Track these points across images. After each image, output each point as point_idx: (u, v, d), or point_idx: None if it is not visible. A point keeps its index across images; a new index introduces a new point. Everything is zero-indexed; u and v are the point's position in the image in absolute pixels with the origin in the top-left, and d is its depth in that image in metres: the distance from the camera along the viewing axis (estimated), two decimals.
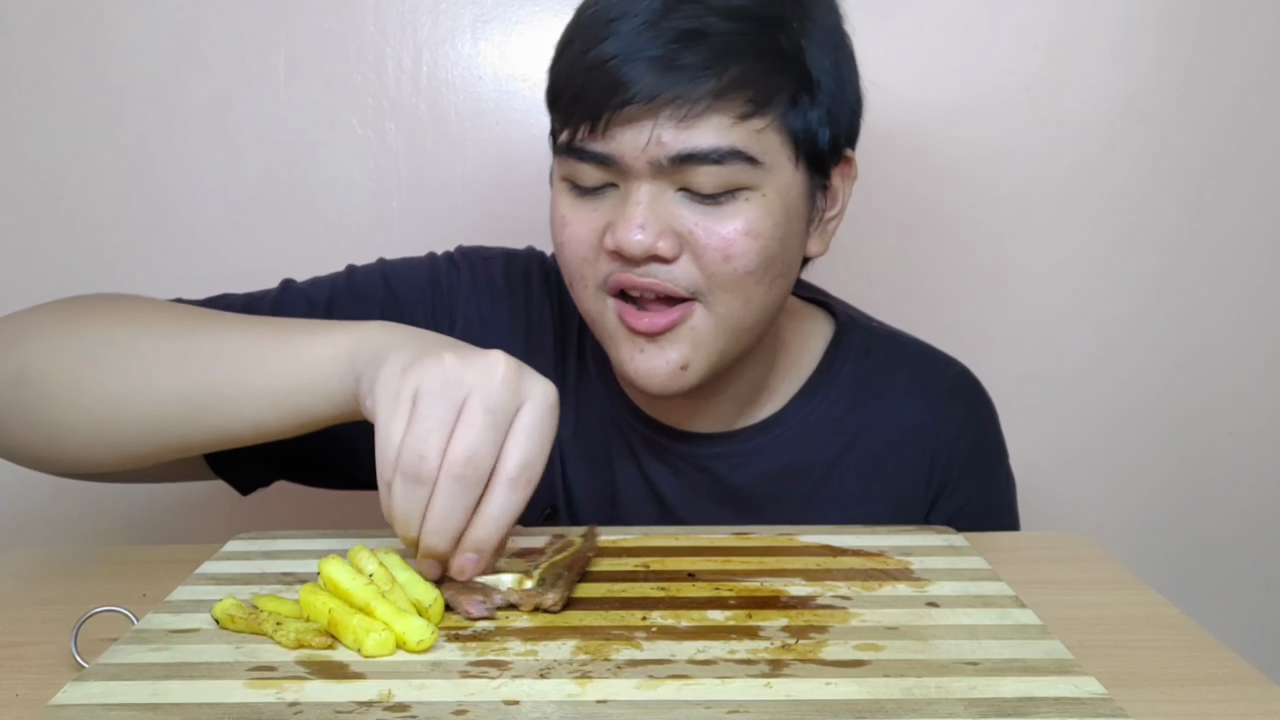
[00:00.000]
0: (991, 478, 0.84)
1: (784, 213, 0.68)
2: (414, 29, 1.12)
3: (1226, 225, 1.18)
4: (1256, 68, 1.15)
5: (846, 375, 0.81)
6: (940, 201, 1.17)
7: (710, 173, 0.65)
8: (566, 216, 0.69)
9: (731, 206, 0.66)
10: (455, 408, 0.53)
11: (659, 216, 0.66)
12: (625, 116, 0.64)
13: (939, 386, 0.83)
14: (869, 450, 0.80)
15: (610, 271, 0.68)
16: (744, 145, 0.65)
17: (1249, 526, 1.24)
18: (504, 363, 0.54)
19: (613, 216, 0.67)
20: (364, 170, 1.14)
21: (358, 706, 0.44)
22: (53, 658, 0.53)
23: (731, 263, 0.66)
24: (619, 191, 0.68)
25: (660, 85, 0.63)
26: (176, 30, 1.11)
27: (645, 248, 0.65)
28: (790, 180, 0.68)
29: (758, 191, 0.66)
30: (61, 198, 1.13)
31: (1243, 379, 1.21)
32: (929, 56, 1.14)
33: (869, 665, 0.48)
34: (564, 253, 0.70)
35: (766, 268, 0.68)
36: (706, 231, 0.66)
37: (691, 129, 0.64)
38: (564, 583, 0.55)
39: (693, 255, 0.67)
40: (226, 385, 0.61)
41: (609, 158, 0.66)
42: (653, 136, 0.64)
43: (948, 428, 0.81)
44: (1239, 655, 0.54)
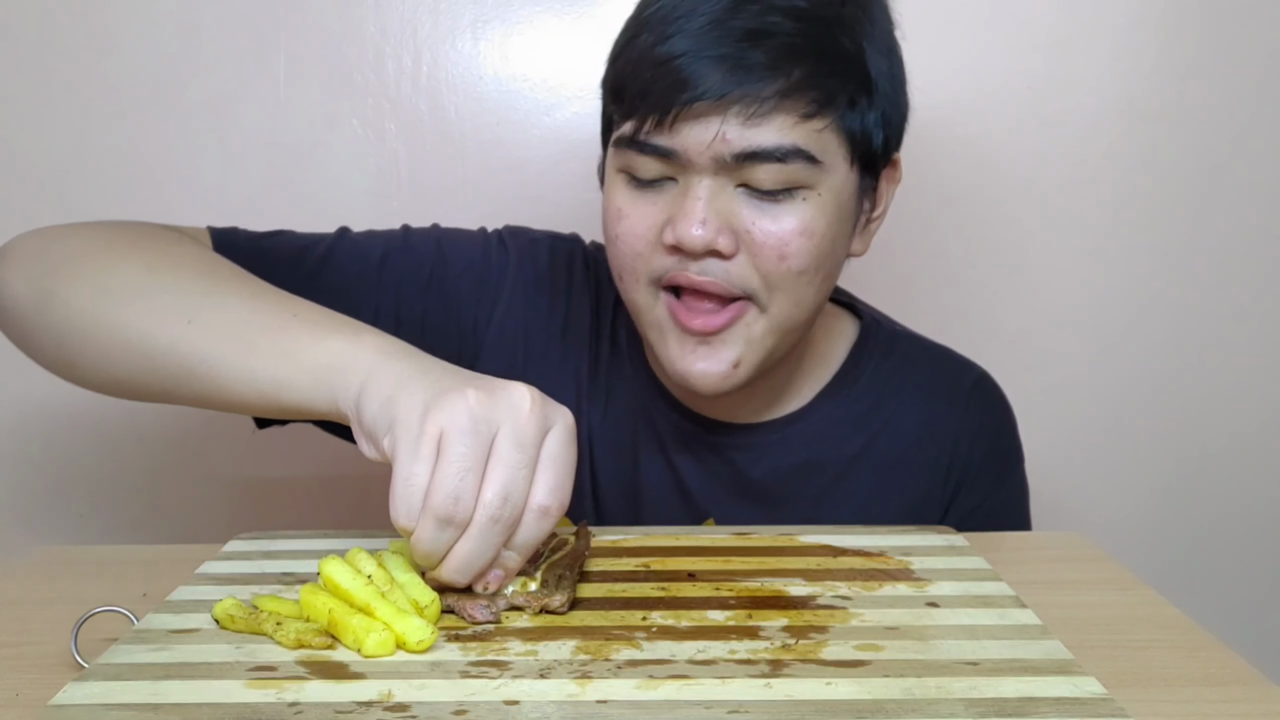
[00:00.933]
0: (1007, 480, 0.85)
1: (836, 213, 0.69)
2: (414, 29, 1.12)
3: (1228, 224, 1.18)
4: (1257, 67, 1.15)
5: (869, 375, 0.82)
6: (940, 201, 1.17)
7: (771, 170, 0.66)
8: (623, 209, 0.70)
9: (789, 205, 0.67)
10: (485, 445, 0.52)
11: (719, 212, 0.67)
12: (693, 113, 0.65)
13: (959, 389, 0.84)
14: (888, 448, 0.81)
15: (667, 268, 0.69)
16: (805, 144, 0.66)
17: (1249, 526, 1.24)
18: (529, 395, 0.53)
19: (671, 211, 0.68)
20: (364, 170, 1.14)
21: (358, 706, 0.44)
22: (53, 658, 0.53)
23: (786, 261, 0.68)
24: (677, 186, 0.68)
25: (729, 84, 0.64)
26: (176, 30, 1.11)
27: (706, 243, 0.66)
28: (844, 180, 0.69)
29: (814, 191, 0.68)
30: (61, 198, 1.13)
31: (1243, 379, 1.21)
32: (929, 56, 1.13)
33: (869, 665, 0.48)
34: (619, 245, 0.71)
35: (818, 268, 0.69)
36: (763, 230, 0.67)
37: (757, 128, 0.65)
38: (567, 583, 0.55)
39: (749, 253, 0.68)
40: (219, 360, 0.61)
41: (673, 152, 0.66)
42: (719, 133, 0.65)
43: (966, 429, 0.82)
44: (1239, 655, 0.54)
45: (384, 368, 0.57)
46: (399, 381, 0.55)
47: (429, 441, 0.52)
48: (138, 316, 0.63)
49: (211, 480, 1.17)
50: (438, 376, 0.55)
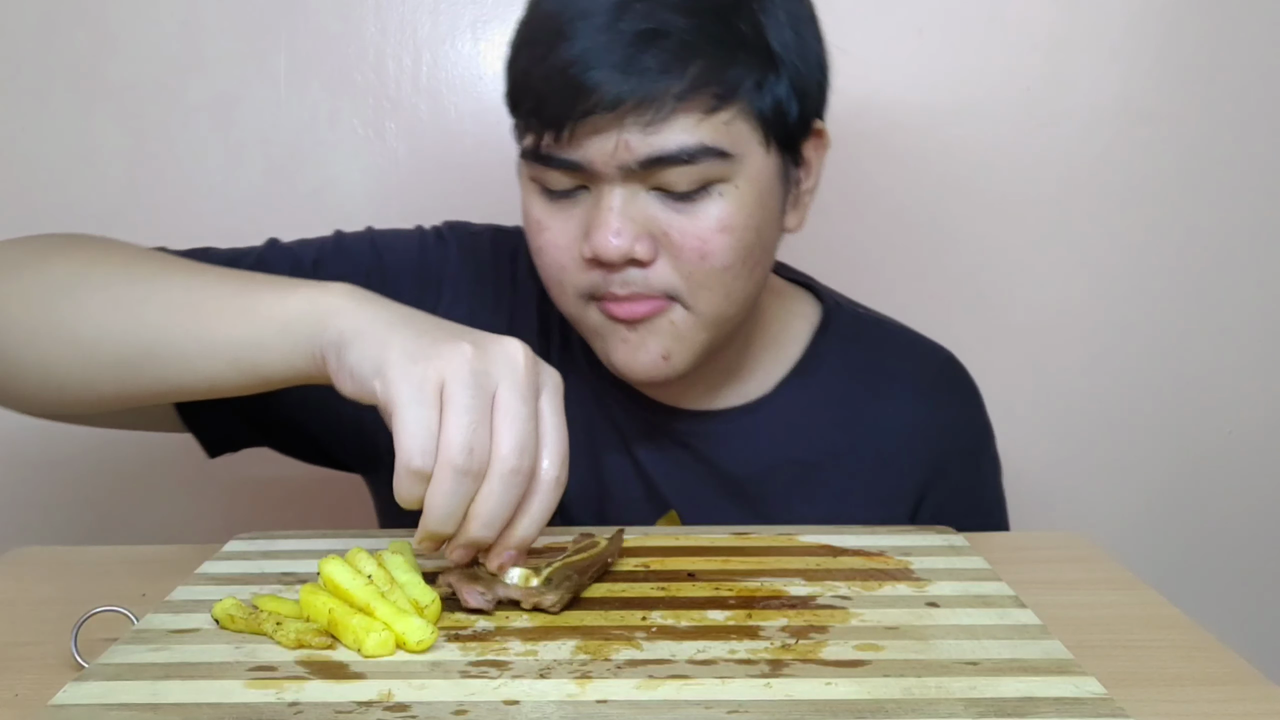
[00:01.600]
0: (981, 459, 0.85)
1: (757, 201, 0.67)
2: (414, 29, 1.12)
3: (1226, 225, 1.18)
4: (1256, 67, 1.15)
5: (836, 360, 0.80)
6: (940, 201, 1.17)
7: (681, 172, 0.64)
8: (542, 221, 0.69)
9: (705, 203, 0.65)
10: (489, 398, 0.51)
11: (633, 220, 0.65)
12: (590, 125, 0.63)
13: (931, 377, 0.83)
14: (860, 438, 0.79)
15: (593, 284, 0.68)
16: (713, 141, 0.64)
17: (1249, 526, 1.24)
18: (523, 350, 0.53)
19: (587, 222, 0.66)
20: (364, 170, 1.14)
21: (358, 706, 0.44)
22: (53, 658, 0.53)
23: (708, 260, 0.66)
24: (591, 195, 0.67)
25: (623, 90, 0.62)
26: (176, 30, 1.11)
27: (622, 253, 0.65)
28: (761, 166, 0.67)
29: (730, 184, 0.66)
30: (62, 197, 1.13)
31: (1243, 379, 1.21)
32: (929, 56, 1.14)
33: (869, 665, 0.48)
34: (543, 258, 0.70)
35: (744, 260, 0.67)
36: (681, 231, 0.65)
37: (659, 132, 0.63)
38: (569, 585, 0.54)
39: (669, 256, 0.66)
40: (182, 338, 0.59)
41: (578, 165, 0.65)
42: (620, 142, 0.63)
43: (941, 418, 0.81)
44: (1239, 655, 0.54)
45: (360, 312, 0.55)
46: (384, 326, 0.54)
47: (431, 388, 0.51)
48: (85, 310, 0.61)
49: (210, 480, 1.17)
50: (422, 324, 0.55)
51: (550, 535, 0.66)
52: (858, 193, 1.16)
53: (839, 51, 0.72)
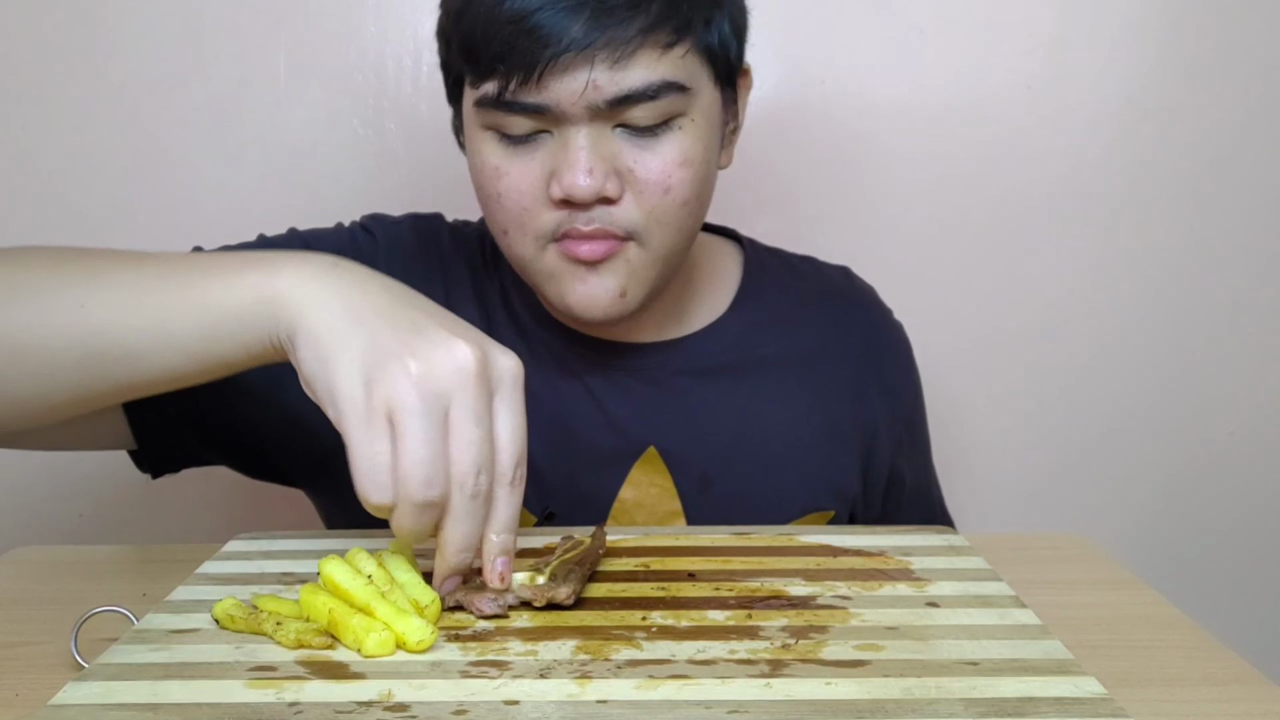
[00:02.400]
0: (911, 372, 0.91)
1: (710, 134, 0.71)
2: (414, 29, 1.12)
3: (1227, 224, 1.18)
4: (1256, 67, 1.15)
5: (766, 288, 0.85)
6: (940, 201, 1.17)
7: (646, 108, 0.66)
8: (501, 167, 0.69)
9: (667, 137, 0.68)
10: (440, 421, 0.51)
11: (602, 158, 0.67)
12: (560, 66, 0.64)
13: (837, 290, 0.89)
14: (795, 343, 0.84)
15: (558, 222, 0.69)
16: (673, 75, 0.66)
17: (1249, 526, 1.24)
18: (472, 358, 0.52)
19: (553, 164, 0.68)
20: (364, 170, 1.14)
21: (358, 706, 0.44)
22: (53, 658, 0.53)
23: (670, 194, 0.69)
24: (554, 139, 0.68)
25: (594, 32, 0.63)
26: (176, 30, 1.11)
27: (594, 191, 0.67)
28: (711, 100, 0.70)
29: (688, 117, 0.68)
30: (61, 197, 1.13)
31: (1243, 379, 1.21)
32: (929, 56, 1.14)
33: (869, 665, 0.48)
34: (502, 203, 0.70)
35: (699, 194, 0.71)
36: (646, 166, 0.68)
37: (626, 69, 0.65)
38: (576, 577, 0.55)
39: (634, 192, 0.68)
40: (131, 334, 0.58)
41: (544, 108, 0.66)
42: (589, 82, 0.64)
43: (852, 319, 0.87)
44: (1239, 655, 0.54)
45: (311, 308, 0.54)
46: (332, 333, 0.53)
47: (379, 417, 0.51)
48: (22, 318, 0.59)
49: (211, 480, 1.17)
50: (372, 328, 0.53)
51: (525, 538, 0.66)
52: (858, 192, 1.16)
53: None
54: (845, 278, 0.91)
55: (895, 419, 0.87)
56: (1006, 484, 1.22)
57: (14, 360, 0.59)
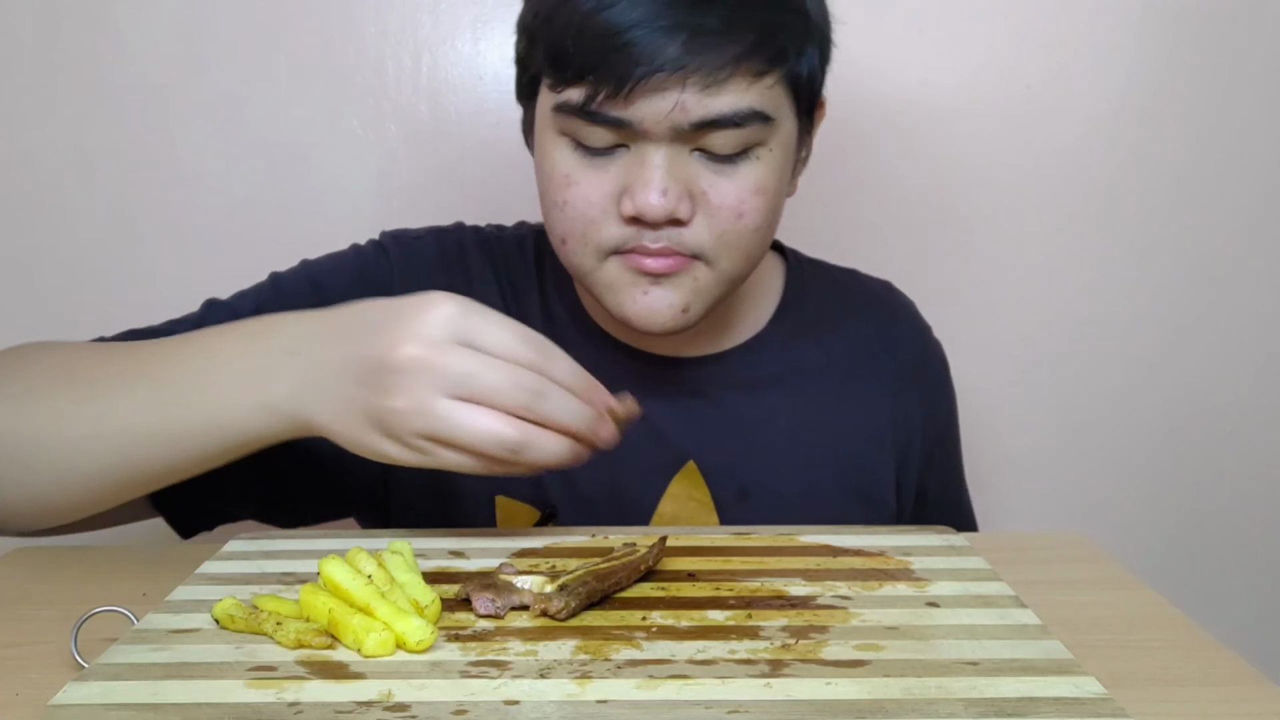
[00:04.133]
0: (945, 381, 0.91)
1: (785, 164, 0.70)
2: (414, 29, 1.12)
3: (1226, 223, 1.18)
4: (1256, 67, 1.15)
5: (807, 299, 0.85)
6: (940, 200, 1.17)
7: (728, 135, 0.66)
8: (572, 175, 0.69)
9: (744, 165, 0.68)
10: (457, 399, 0.55)
11: (677, 179, 0.67)
12: (651, 85, 0.64)
13: (877, 303, 0.89)
14: (836, 354, 0.84)
15: (624, 238, 0.68)
16: (760, 105, 0.66)
17: (1249, 526, 1.24)
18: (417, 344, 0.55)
19: (626, 180, 0.67)
20: (364, 171, 1.14)
21: (358, 706, 0.44)
22: (53, 658, 0.53)
23: (743, 220, 0.68)
24: (630, 154, 0.67)
25: (688, 54, 0.63)
26: (176, 30, 1.11)
27: (667, 212, 0.66)
28: (791, 131, 0.70)
29: (767, 147, 0.68)
30: (62, 197, 1.13)
31: (1242, 378, 1.21)
32: (929, 56, 1.14)
33: (869, 665, 0.48)
34: (568, 210, 0.70)
35: (770, 222, 0.71)
36: (720, 192, 0.67)
37: (716, 95, 0.64)
38: (583, 592, 0.53)
39: (705, 216, 0.68)
40: (142, 442, 0.62)
41: (628, 123, 0.65)
42: (678, 104, 0.64)
43: (892, 333, 0.88)
44: (1239, 655, 0.54)
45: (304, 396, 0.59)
46: (331, 408, 0.58)
47: (425, 445, 0.57)
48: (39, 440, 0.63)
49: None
50: (356, 383, 0.57)
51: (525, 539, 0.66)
52: (858, 192, 1.16)
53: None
54: (887, 291, 0.91)
55: (928, 436, 0.87)
56: (1006, 484, 1.22)
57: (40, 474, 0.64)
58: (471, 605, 0.54)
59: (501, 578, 0.55)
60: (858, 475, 0.82)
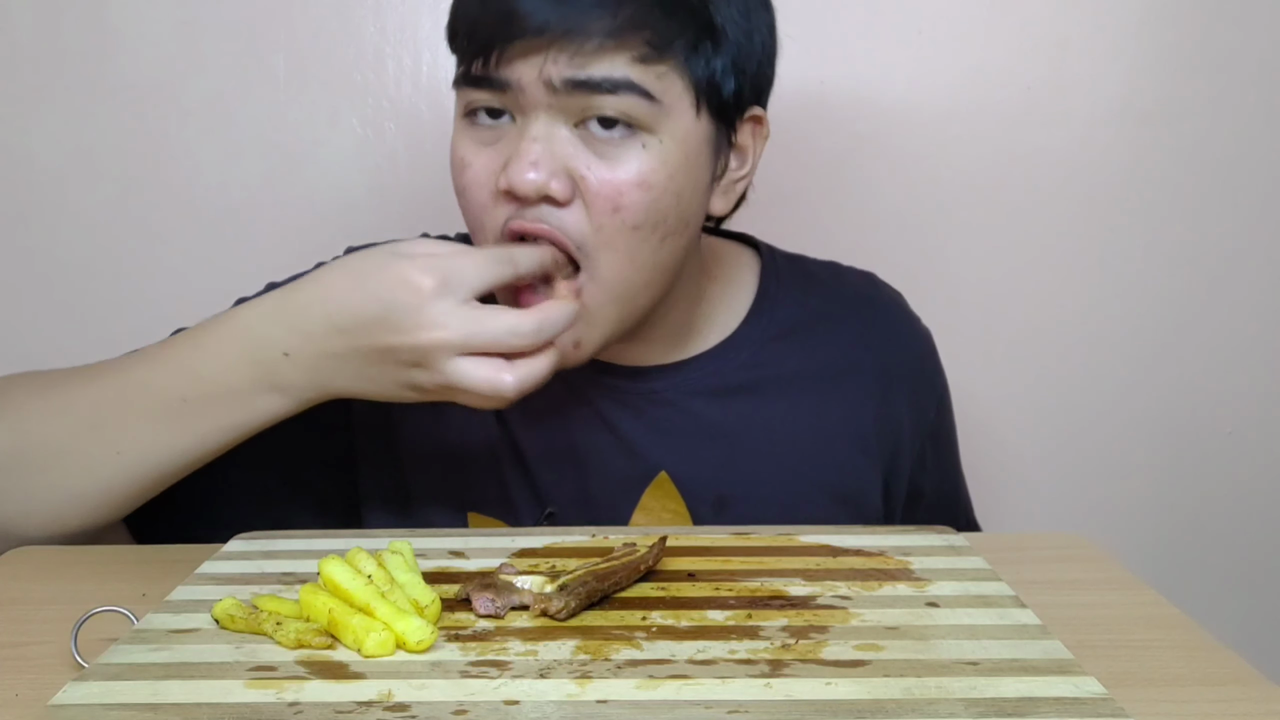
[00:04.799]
0: (937, 379, 0.88)
1: (681, 164, 0.68)
2: (414, 29, 1.12)
3: (1226, 225, 1.18)
4: (1256, 67, 1.15)
5: (782, 298, 0.83)
6: (940, 201, 1.17)
7: (605, 102, 0.65)
8: (466, 158, 0.69)
9: (628, 152, 0.66)
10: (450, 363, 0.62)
11: (554, 155, 0.66)
12: (520, 49, 0.64)
13: (871, 299, 0.87)
14: (813, 358, 0.81)
15: (507, 217, 0.68)
16: (640, 80, 0.65)
17: (1249, 526, 1.24)
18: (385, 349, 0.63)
19: (507, 155, 0.67)
20: (364, 170, 1.14)
21: (358, 706, 0.44)
22: (53, 658, 0.53)
23: (620, 214, 0.66)
24: (514, 128, 0.68)
25: (552, 17, 0.63)
26: (176, 30, 1.11)
27: (538, 187, 0.65)
28: (690, 129, 0.68)
29: (655, 137, 0.66)
30: (61, 197, 1.13)
31: (1242, 378, 1.21)
32: (929, 56, 1.14)
33: (869, 665, 0.48)
34: (465, 198, 0.70)
35: (656, 224, 0.68)
36: (599, 178, 0.66)
37: (587, 60, 0.64)
38: (583, 593, 0.54)
39: (584, 202, 0.67)
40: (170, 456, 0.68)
41: (505, 83, 0.66)
42: (548, 58, 0.64)
43: (875, 331, 0.85)
44: (1239, 655, 0.54)
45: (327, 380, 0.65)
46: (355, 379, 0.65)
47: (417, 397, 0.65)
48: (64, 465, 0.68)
49: None
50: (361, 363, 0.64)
51: (524, 538, 0.66)
52: (858, 193, 1.16)
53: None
54: (870, 285, 0.88)
55: (918, 432, 0.84)
56: (1006, 484, 1.22)
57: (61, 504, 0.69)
58: (471, 605, 0.54)
59: (501, 578, 0.55)
60: (841, 481, 0.80)
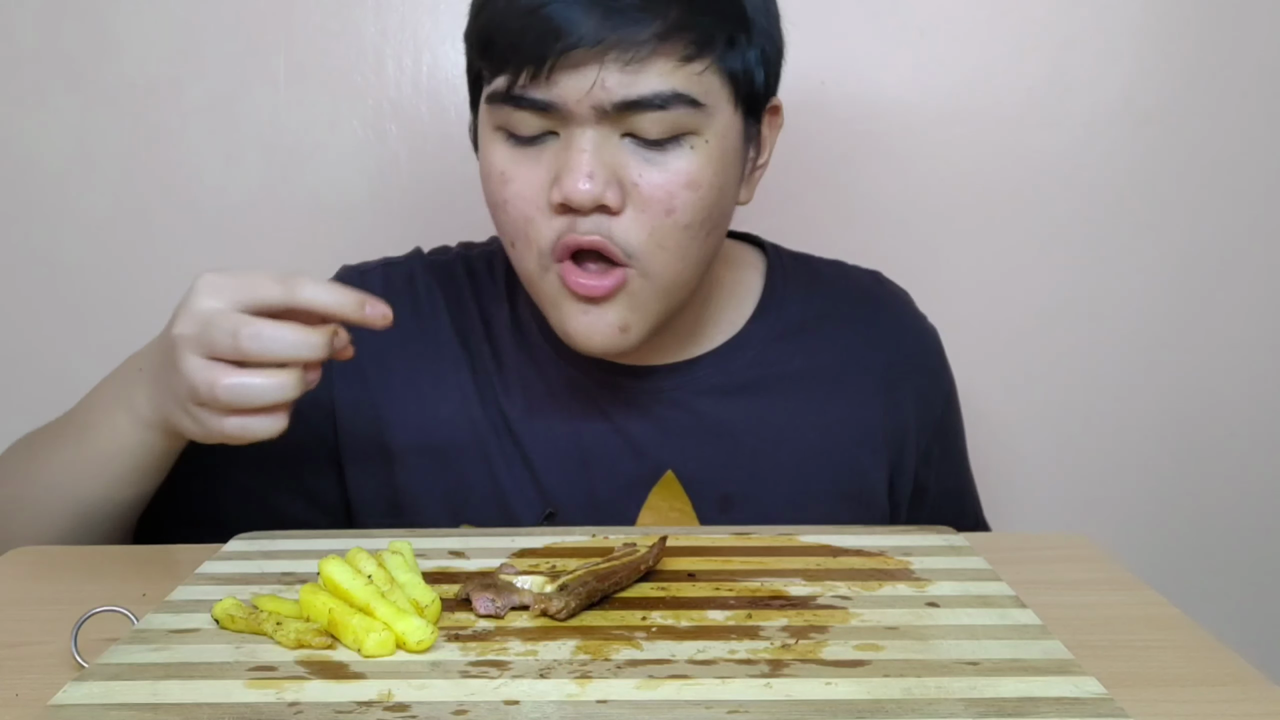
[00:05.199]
0: (942, 374, 0.88)
1: (722, 160, 0.68)
2: (414, 29, 1.12)
3: (1227, 225, 1.18)
4: (1256, 68, 1.15)
5: (788, 297, 0.83)
6: (940, 202, 1.17)
7: (655, 118, 0.65)
8: (507, 172, 0.68)
9: (675, 154, 0.66)
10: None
11: (605, 164, 0.66)
12: (569, 62, 0.63)
13: (876, 297, 0.87)
14: (818, 357, 0.82)
15: (560, 232, 0.67)
16: (686, 88, 0.65)
17: (1249, 526, 1.24)
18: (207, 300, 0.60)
19: (557, 167, 0.66)
20: (364, 171, 1.14)
21: (358, 706, 0.44)
22: (53, 658, 0.53)
23: (673, 215, 0.67)
24: (559, 141, 0.67)
25: (603, 29, 0.62)
26: (176, 30, 1.11)
27: (593, 197, 0.65)
28: (729, 124, 0.68)
29: (700, 138, 0.67)
30: (61, 198, 1.13)
31: (1243, 379, 1.21)
32: (929, 57, 1.14)
33: (869, 665, 0.48)
34: (508, 211, 0.69)
35: (704, 221, 0.68)
36: (650, 182, 0.66)
37: (637, 74, 0.64)
38: (583, 592, 0.53)
39: (636, 209, 0.67)
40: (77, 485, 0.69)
41: (551, 104, 0.65)
42: (597, 81, 0.63)
43: (880, 330, 0.85)
44: (1239, 655, 0.54)
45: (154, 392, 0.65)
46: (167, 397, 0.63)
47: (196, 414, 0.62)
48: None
49: None
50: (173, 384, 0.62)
51: (524, 539, 0.66)
52: (857, 193, 1.16)
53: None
54: (875, 283, 0.88)
55: (925, 430, 0.85)
56: (1007, 485, 1.22)
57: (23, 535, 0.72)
58: (471, 605, 0.54)
59: (502, 578, 0.55)
60: (847, 479, 0.80)
